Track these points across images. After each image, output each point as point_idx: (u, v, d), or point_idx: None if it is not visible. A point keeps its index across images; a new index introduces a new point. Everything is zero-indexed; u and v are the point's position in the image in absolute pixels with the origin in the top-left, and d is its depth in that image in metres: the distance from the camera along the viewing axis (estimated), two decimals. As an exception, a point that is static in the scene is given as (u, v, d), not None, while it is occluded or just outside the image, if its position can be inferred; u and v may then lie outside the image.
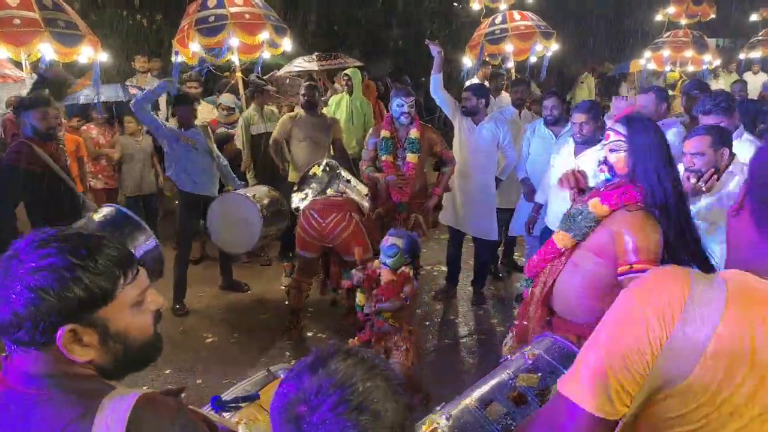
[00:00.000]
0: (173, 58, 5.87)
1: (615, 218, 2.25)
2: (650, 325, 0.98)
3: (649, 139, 2.19)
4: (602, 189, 2.34)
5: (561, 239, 2.42)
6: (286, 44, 5.74)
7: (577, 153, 3.70)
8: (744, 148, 3.09)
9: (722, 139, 2.78)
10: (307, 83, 5.33)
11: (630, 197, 2.22)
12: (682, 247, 2.19)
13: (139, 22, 9.57)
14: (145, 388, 1.08)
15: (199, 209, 4.64)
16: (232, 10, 5.34)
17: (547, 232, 3.89)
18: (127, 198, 5.99)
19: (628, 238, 2.18)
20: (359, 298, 3.25)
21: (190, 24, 5.38)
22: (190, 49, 5.45)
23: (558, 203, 3.72)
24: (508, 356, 2.15)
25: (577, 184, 2.50)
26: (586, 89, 9.92)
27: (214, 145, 4.92)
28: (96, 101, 5.65)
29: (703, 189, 2.73)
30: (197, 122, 4.87)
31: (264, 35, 5.44)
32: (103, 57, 5.48)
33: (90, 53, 5.08)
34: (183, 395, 1.42)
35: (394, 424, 0.85)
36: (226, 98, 5.85)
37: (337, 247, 4.06)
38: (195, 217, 4.73)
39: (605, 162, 2.31)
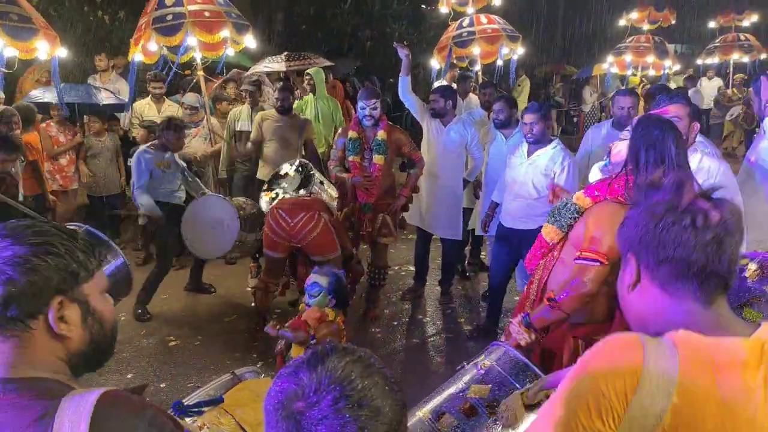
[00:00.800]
0: (130, 58, 5.74)
1: (592, 209, 2.25)
2: (606, 405, 0.98)
3: (647, 135, 2.12)
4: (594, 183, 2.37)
5: (548, 232, 2.42)
6: (249, 41, 5.67)
7: (530, 153, 3.77)
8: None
9: (696, 114, 2.93)
10: (281, 85, 5.29)
11: (613, 190, 2.21)
12: None
13: (100, 19, 9.34)
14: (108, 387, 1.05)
15: (174, 217, 4.51)
16: (191, 8, 5.22)
17: (502, 231, 3.96)
18: (91, 197, 5.85)
19: (591, 227, 2.20)
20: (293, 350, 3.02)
21: (147, 23, 5.25)
22: (141, 47, 5.32)
23: (512, 202, 3.84)
24: (465, 364, 2.18)
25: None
26: (522, 92, 10.10)
27: (183, 164, 4.86)
28: (60, 101, 5.50)
29: None
30: None
31: (224, 33, 5.35)
32: (62, 53, 5.33)
33: (45, 48, 4.92)
34: (145, 394, 1.39)
35: (392, 420, 0.86)
36: (189, 98, 5.77)
37: (305, 248, 4.03)
38: (172, 225, 4.51)
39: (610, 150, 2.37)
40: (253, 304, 4.49)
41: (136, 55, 5.50)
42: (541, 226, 2.53)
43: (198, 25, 5.20)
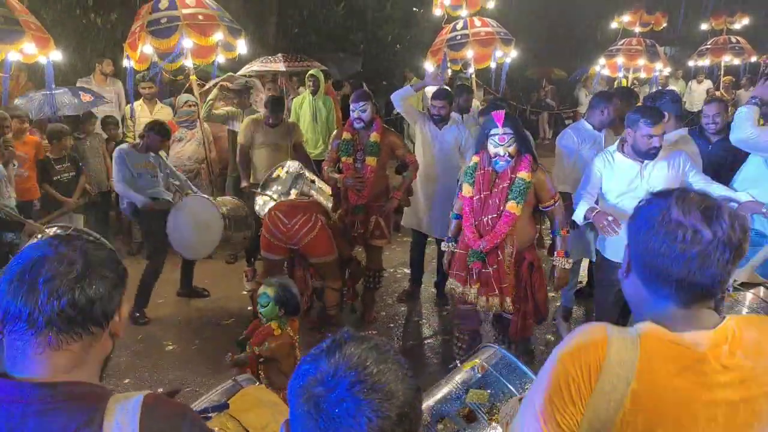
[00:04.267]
0: (125, 63, 5.74)
1: (533, 177, 3.21)
2: (575, 388, 1.09)
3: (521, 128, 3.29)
4: (509, 166, 3.20)
5: (514, 207, 3.16)
6: (241, 46, 5.68)
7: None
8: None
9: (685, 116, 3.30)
10: (271, 96, 5.30)
11: (527, 163, 3.21)
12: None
13: (93, 22, 9.28)
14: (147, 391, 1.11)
15: (162, 215, 4.49)
16: (185, 11, 5.24)
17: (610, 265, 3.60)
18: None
19: (549, 185, 3.27)
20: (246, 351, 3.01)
21: (141, 26, 5.26)
22: (139, 52, 5.32)
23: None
24: (458, 363, 2.23)
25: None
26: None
27: (171, 165, 4.85)
28: (50, 103, 5.47)
29: None
30: None
31: (218, 36, 5.37)
32: (57, 56, 5.31)
33: (33, 50, 4.91)
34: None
35: (405, 403, 0.90)
36: (186, 96, 5.78)
37: (302, 249, 4.03)
38: (161, 223, 4.48)
39: (504, 155, 3.18)
40: (249, 308, 4.48)
41: (128, 62, 5.50)
42: None
43: (192, 28, 5.22)
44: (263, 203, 4.31)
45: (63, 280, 1.00)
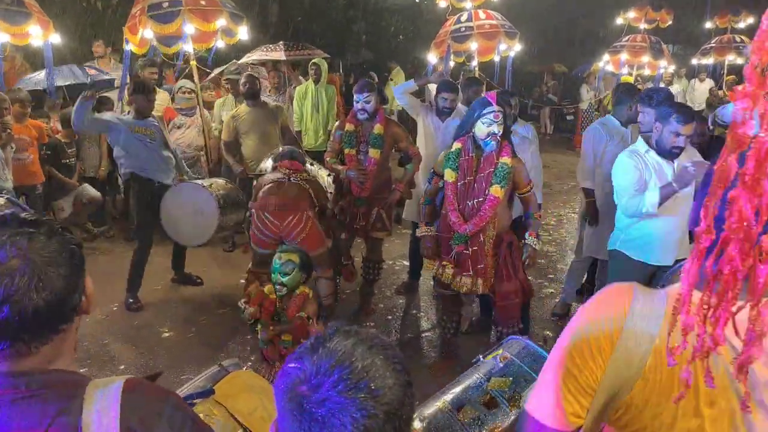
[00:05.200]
0: (124, 46, 5.68)
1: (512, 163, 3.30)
2: (596, 343, 1.03)
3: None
4: (494, 152, 3.28)
5: (498, 191, 3.25)
6: (242, 33, 5.62)
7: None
8: None
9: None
10: (247, 74, 5.26)
11: (509, 149, 3.31)
12: None
13: (93, 5, 9.20)
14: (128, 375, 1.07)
15: (155, 197, 4.43)
16: (186, -4, 5.17)
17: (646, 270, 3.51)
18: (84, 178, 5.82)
19: (525, 173, 3.36)
20: (260, 332, 3.09)
21: (142, 10, 5.18)
22: (140, 36, 5.24)
23: (675, 231, 3.33)
24: (481, 357, 2.20)
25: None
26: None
27: (169, 136, 4.79)
28: (50, 86, 5.43)
29: None
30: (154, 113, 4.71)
31: (220, 22, 5.30)
32: (56, 38, 5.24)
33: (39, 32, 4.86)
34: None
35: (393, 400, 0.86)
36: (185, 82, 5.72)
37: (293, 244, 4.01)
38: (152, 205, 4.44)
39: (498, 133, 3.23)
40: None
41: (128, 46, 5.43)
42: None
43: (194, 13, 5.15)
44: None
45: (15, 296, 0.92)
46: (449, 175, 3.39)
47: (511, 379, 2.01)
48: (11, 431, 0.93)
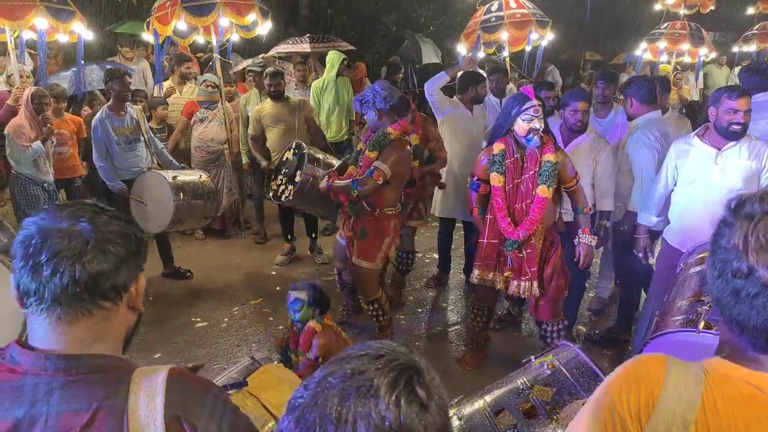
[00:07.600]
0: (150, 38, 5.72)
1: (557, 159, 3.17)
2: (622, 425, 0.98)
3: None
4: (537, 148, 3.14)
5: (545, 191, 3.13)
6: (264, 28, 5.65)
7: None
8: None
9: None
10: (272, 71, 5.27)
11: (551, 144, 3.18)
12: None
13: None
14: (172, 365, 1.12)
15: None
16: (221, -12, 5.20)
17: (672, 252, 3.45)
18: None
19: (570, 166, 3.22)
20: (294, 360, 3.17)
21: (174, 1, 5.22)
22: (172, 27, 5.28)
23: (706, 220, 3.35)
24: (532, 358, 2.18)
25: None
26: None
27: (148, 127, 4.92)
28: (78, 89, 5.59)
29: None
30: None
31: (251, 16, 5.38)
32: (89, 35, 5.36)
33: (81, 29, 4.99)
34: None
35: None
36: (210, 76, 5.79)
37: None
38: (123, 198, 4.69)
39: (540, 128, 3.10)
40: (278, 288, 4.51)
41: (154, 38, 5.49)
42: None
43: (229, 6, 5.20)
44: (276, 187, 4.29)
45: (65, 256, 0.98)
46: (497, 179, 3.23)
47: (554, 390, 1.97)
48: (61, 414, 0.97)
